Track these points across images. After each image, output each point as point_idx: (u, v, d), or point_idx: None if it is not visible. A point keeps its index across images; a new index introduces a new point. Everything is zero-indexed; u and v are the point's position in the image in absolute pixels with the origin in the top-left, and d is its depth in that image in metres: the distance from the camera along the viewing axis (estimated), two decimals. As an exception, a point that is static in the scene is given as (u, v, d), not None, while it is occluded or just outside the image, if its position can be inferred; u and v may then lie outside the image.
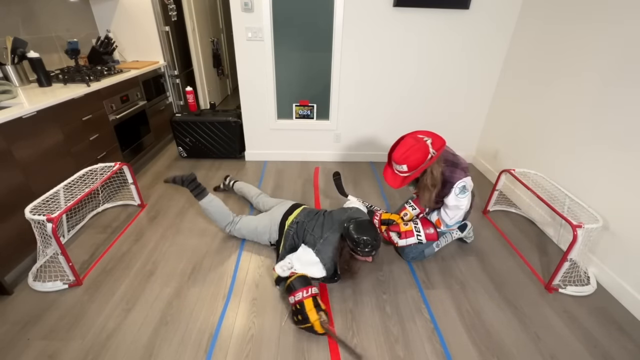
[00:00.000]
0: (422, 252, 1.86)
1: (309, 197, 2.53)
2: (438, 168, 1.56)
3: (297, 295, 1.46)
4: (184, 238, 2.05)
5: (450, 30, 2.57)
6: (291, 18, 2.52)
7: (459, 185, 1.55)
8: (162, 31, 3.13)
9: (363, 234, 1.55)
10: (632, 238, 1.63)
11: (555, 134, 2.14)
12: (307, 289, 1.47)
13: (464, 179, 1.56)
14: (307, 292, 1.46)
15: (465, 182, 1.56)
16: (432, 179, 1.55)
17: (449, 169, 1.57)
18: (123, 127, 2.58)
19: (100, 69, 2.58)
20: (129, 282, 1.72)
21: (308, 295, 1.45)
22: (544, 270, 1.87)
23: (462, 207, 1.60)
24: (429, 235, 1.76)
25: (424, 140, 1.51)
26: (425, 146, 1.49)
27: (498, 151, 2.78)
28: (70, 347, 1.38)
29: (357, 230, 1.57)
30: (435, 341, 1.46)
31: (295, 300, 1.46)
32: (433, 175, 1.54)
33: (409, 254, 1.86)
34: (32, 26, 2.38)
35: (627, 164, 1.66)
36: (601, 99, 1.81)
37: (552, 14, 2.18)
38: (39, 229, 1.58)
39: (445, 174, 1.57)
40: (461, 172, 1.56)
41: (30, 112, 1.74)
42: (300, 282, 1.50)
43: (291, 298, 1.48)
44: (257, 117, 2.93)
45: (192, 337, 1.44)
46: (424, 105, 2.90)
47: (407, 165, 1.50)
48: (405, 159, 1.49)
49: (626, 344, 1.48)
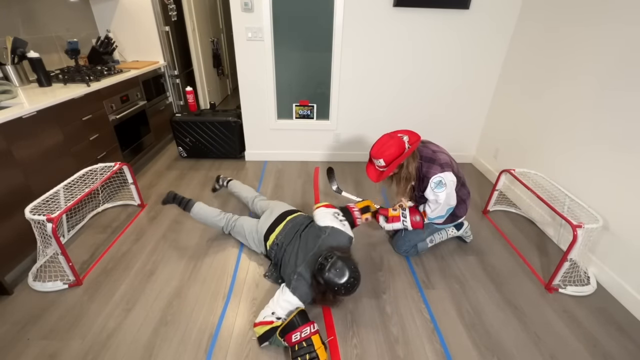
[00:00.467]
0: (415, 247, 1.90)
1: (309, 197, 2.53)
2: (413, 163, 1.67)
3: (305, 331, 1.30)
4: (184, 238, 2.05)
5: (450, 30, 2.57)
6: (291, 18, 2.52)
7: (434, 180, 1.63)
8: (162, 31, 3.13)
9: (341, 278, 1.37)
10: (632, 238, 1.63)
11: (555, 133, 2.14)
12: (312, 324, 1.34)
13: (441, 174, 1.62)
14: (313, 328, 1.33)
15: (441, 177, 1.62)
16: (406, 173, 1.68)
17: (426, 164, 1.67)
18: (123, 127, 2.58)
19: (100, 69, 2.58)
20: (129, 282, 1.72)
21: (315, 331, 1.32)
22: (544, 270, 1.87)
23: (440, 200, 1.66)
24: (415, 222, 1.79)
25: (399, 136, 1.63)
26: (401, 142, 1.61)
27: (498, 151, 2.78)
28: (70, 347, 1.38)
29: (335, 274, 1.37)
30: (435, 341, 1.46)
31: (301, 337, 1.30)
32: (408, 169, 1.67)
33: (402, 246, 1.92)
34: (32, 26, 2.38)
35: (627, 164, 1.66)
36: (601, 99, 1.81)
37: (552, 15, 2.18)
38: (39, 229, 1.58)
39: (422, 169, 1.68)
40: (437, 168, 1.63)
41: (30, 112, 1.74)
42: (303, 317, 1.35)
43: (295, 335, 1.30)
44: (257, 117, 2.93)
45: (192, 337, 1.44)
46: (424, 105, 2.90)
47: (383, 159, 1.61)
48: (381, 153, 1.61)
49: (626, 344, 1.48)
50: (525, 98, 2.44)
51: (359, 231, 2.14)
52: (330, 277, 1.37)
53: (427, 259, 1.93)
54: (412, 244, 1.90)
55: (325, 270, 1.38)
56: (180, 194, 2.05)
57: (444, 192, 1.63)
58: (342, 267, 1.38)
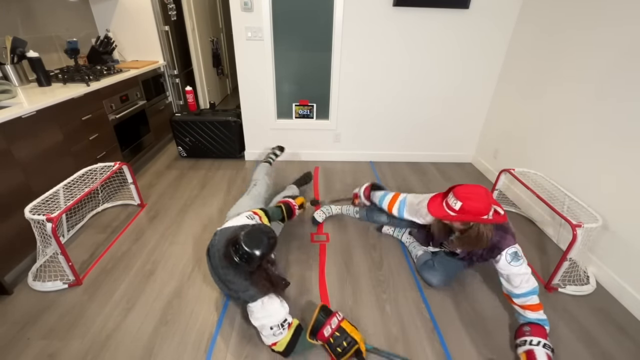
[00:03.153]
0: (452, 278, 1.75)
1: (309, 197, 2.53)
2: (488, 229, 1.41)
3: (333, 322, 1.33)
4: (184, 237, 2.05)
5: (450, 30, 2.57)
6: (291, 18, 2.52)
7: (509, 252, 1.40)
8: (161, 31, 3.13)
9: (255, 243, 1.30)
10: (632, 238, 1.64)
11: (555, 133, 2.14)
12: (336, 313, 1.36)
13: (515, 245, 1.42)
14: (339, 316, 1.36)
15: (516, 249, 1.42)
16: (477, 235, 1.40)
17: (499, 234, 1.43)
18: (123, 126, 2.58)
19: (99, 69, 2.57)
20: (128, 281, 1.72)
21: (342, 319, 1.35)
22: (544, 270, 1.88)
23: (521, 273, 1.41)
24: None
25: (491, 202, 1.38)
26: (489, 206, 1.35)
27: (498, 151, 2.78)
28: (70, 346, 1.38)
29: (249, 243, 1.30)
30: (435, 341, 1.46)
31: (332, 329, 1.31)
32: (480, 231, 1.39)
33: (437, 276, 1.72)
34: (31, 26, 2.38)
35: (627, 164, 1.66)
36: (601, 99, 1.81)
37: (552, 14, 2.18)
38: (39, 229, 1.58)
39: (493, 238, 1.42)
40: (511, 238, 1.42)
41: (30, 111, 1.74)
42: (326, 311, 1.36)
43: (326, 329, 1.31)
44: (256, 117, 2.93)
45: (192, 337, 1.44)
46: (424, 105, 2.90)
47: (461, 205, 1.34)
48: (466, 198, 1.34)
49: (625, 343, 1.48)
50: (525, 97, 2.44)
51: (360, 231, 2.14)
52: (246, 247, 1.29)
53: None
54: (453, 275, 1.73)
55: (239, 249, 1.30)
56: (179, 193, 2.03)
57: (522, 266, 1.40)
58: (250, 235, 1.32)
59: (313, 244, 2.02)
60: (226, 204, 2.39)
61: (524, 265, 1.40)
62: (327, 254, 1.94)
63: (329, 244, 2.03)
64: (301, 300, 1.64)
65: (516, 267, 1.40)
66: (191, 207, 2.34)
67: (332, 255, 1.94)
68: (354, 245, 2.03)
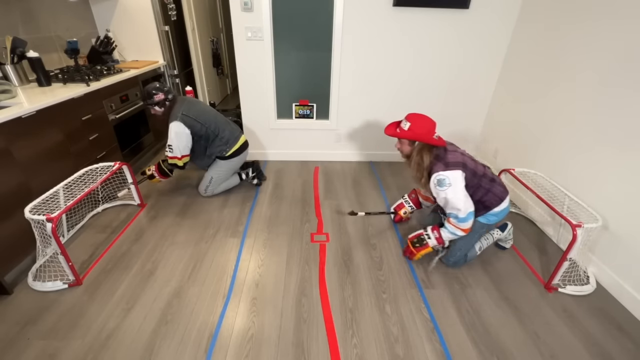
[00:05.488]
0: (465, 256, 1.83)
1: (309, 197, 2.53)
2: (427, 155, 1.69)
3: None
4: (184, 237, 2.05)
5: (450, 30, 2.57)
6: (291, 18, 2.52)
7: (437, 178, 1.64)
8: (161, 31, 3.12)
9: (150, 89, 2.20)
10: (632, 237, 1.64)
11: (555, 133, 2.14)
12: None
13: (444, 172, 1.62)
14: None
15: (444, 176, 1.62)
16: (418, 159, 1.71)
17: (433, 161, 1.69)
18: (123, 126, 2.58)
19: (99, 69, 2.57)
20: (128, 281, 1.72)
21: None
22: (544, 270, 1.88)
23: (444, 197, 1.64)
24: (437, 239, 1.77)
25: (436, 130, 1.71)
26: (433, 131, 1.69)
27: (498, 151, 2.78)
28: (70, 346, 1.38)
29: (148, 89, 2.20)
30: (435, 341, 1.46)
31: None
32: (420, 156, 1.70)
33: (451, 257, 1.83)
34: (31, 26, 2.38)
35: (627, 163, 1.66)
36: (601, 99, 1.81)
37: (552, 14, 2.18)
38: (39, 229, 1.58)
39: (430, 165, 1.69)
40: (441, 166, 1.64)
41: (30, 111, 1.73)
42: None
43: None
44: (256, 117, 2.93)
45: (192, 336, 1.44)
46: (424, 105, 2.89)
47: (410, 125, 1.67)
48: (414, 120, 1.67)
49: (626, 343, 1.48)
50: (525, 97, 2.44)
51: (359, 231, 2.15)
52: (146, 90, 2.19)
53: (426, 258, 1.93)
54: (463, 253, 1.82)
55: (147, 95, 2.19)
56: (179, 194, 2.04)
57: (446, 191, 1.62)
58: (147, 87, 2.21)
59: (313, 244, 2.02)
60: (226, 204, 2.39)
61: (449, 191, 1.61)
62: (327, 254, 1.95)
63: (329, 244, 2.03)
64: (301, 300, 1.64)
65: (442, 192, 1.63)
66: (191, 207, 2.34)
67: (332, 255, 1.94)
68: (354, 245, 2.03)
